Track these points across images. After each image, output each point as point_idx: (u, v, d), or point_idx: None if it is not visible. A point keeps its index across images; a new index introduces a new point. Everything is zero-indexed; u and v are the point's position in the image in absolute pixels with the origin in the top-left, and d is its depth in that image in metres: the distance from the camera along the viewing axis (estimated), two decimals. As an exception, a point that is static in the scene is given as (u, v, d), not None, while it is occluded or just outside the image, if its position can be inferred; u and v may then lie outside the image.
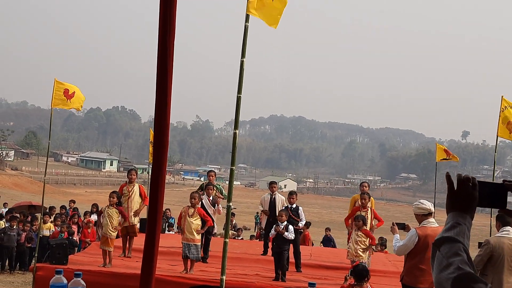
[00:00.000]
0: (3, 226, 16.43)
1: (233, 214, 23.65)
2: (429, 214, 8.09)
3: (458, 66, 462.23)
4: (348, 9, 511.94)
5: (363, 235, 11.38)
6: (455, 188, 2.04)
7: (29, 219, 17.75)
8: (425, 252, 7.85)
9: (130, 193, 13.06)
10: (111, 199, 12.09)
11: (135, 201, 13.10)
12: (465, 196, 2.01)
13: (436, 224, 8.09)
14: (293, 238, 11.44)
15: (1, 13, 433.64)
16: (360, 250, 11.24)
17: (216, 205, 13.24)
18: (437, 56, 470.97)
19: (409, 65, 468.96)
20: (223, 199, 13.42)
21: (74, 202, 23.33)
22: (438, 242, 1.96)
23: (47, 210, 19.03)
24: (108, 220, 11.88)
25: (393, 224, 8.86)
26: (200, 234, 11.75)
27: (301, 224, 12.67)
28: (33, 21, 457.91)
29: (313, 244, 21.21)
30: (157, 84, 2.40)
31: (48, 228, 16.63)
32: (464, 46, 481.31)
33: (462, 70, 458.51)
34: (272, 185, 14.40)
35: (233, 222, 23.64)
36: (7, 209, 20.92)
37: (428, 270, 7.84)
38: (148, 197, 2.48)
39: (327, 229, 23.28)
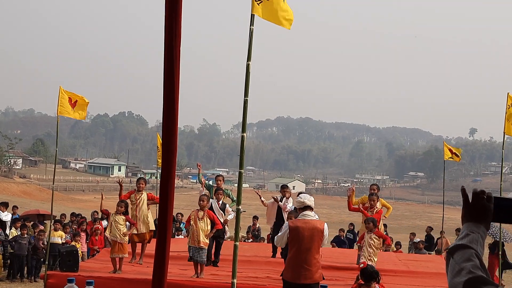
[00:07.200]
0: (15, 235, 16.46)
1: (256, 218, 23.33)
2: (305, 207, 8.14)
3: (463, 62, 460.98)
4: (353, 16, 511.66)
5: (376, 237, 11.36)
6: (470, 201, 2.12)
7: (38, 227, 17.71)
8: (299, 245, 7.95)
9: (138, 201, 13.06)
10: (119, 208, 12.22)
11: (143, 209, 13.10)
12: (479, 207, 2.08)
13: (311, 217, 8.12)
14: None
15: (7, 22, 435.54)
16: (373, 253, 11.22)
17: (226, 212, 13.22)
18: (442, 53, 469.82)
19: (414, 62, 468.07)
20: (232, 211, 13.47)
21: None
22: (452, 250, 2.03)
23: (58, 218, 19.01)
24: (115, 226, 11.97)
25: None
26: (209, 238, 11.75)
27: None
28: (38, 29, 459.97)
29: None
30: (164, 89, 2.40)
31: (60, 236, 16.61)
32: (470, 42, 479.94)
33: (468, 66, 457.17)
34: (284, 189, 14.44)
35: (257, 226, 23.18)
36: (16, 216, 20.66)
37: (305, 266, 7.90)
38: (158, 202, 2.47)
39: (341, 230, 23.01)
